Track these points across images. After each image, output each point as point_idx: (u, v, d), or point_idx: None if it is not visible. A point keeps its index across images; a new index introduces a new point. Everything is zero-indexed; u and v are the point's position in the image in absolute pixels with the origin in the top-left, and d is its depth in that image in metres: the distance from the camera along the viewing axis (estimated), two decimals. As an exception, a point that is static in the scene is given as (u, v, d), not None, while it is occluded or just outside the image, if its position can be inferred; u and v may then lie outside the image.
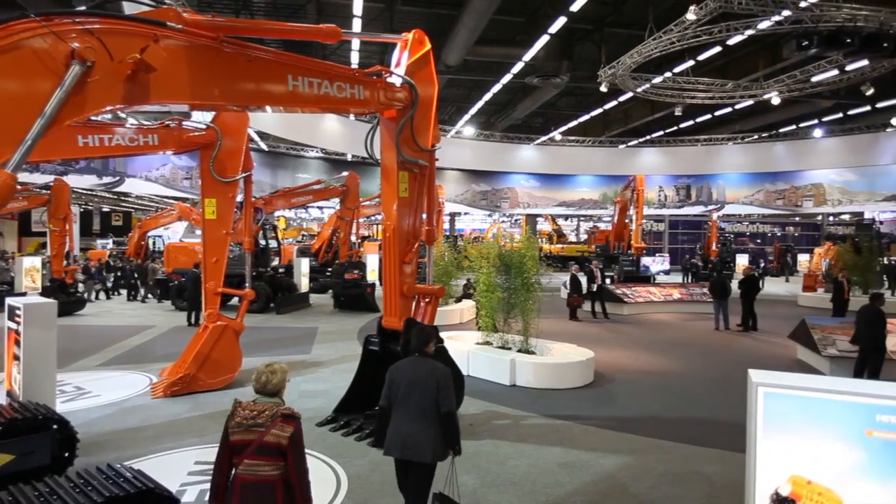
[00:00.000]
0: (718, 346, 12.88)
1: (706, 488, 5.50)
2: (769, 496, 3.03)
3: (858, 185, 33.82)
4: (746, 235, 43.17)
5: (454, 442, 4.03)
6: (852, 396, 2.88)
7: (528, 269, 9.94)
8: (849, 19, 14.67)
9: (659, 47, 17.09)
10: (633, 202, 22.56)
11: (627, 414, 7.80)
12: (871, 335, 8.77)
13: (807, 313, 14.62)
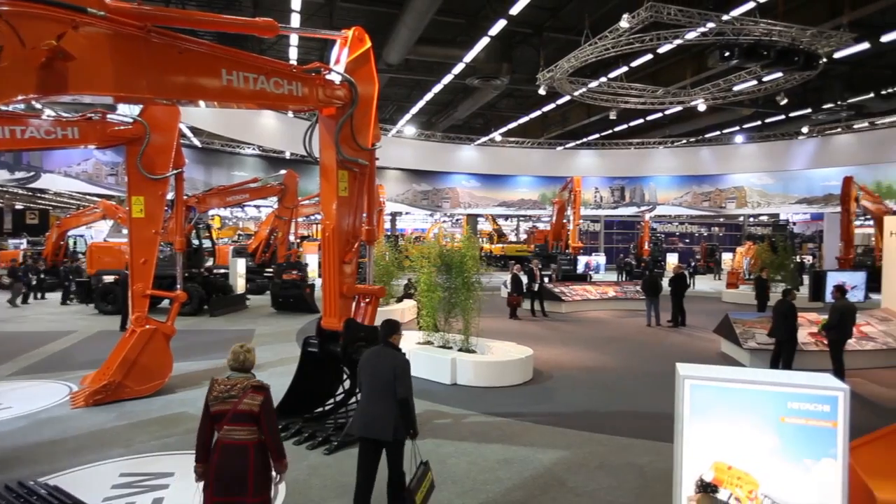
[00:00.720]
0: (650, 342, 13.43)
1: (639, 478, 5.72)
2: (695, 482, 3.19)
3: (775, 189, 36.15)
4: (676, 235, 45.29)
5: (410, 425, 4.42)
6: (767, 386, 3.07)
7: (468, 269, 10.03)
8: (765, 34, 15.64)
9: (595, 53, 17.63)
10: (571, 203, 23.20)
11: (565, 409, 8.01)
12: (784, 328, 9.39)
13: (730, 309, 15.50)
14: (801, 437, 2.96)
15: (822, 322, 9.69)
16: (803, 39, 15.88)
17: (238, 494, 3.50)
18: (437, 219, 47.32)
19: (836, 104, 26.88)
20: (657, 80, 23.84)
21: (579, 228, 24.67)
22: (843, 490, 2.86)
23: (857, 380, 9.59)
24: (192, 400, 8.10)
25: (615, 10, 16.78)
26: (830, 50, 16.95)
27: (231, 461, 3.54)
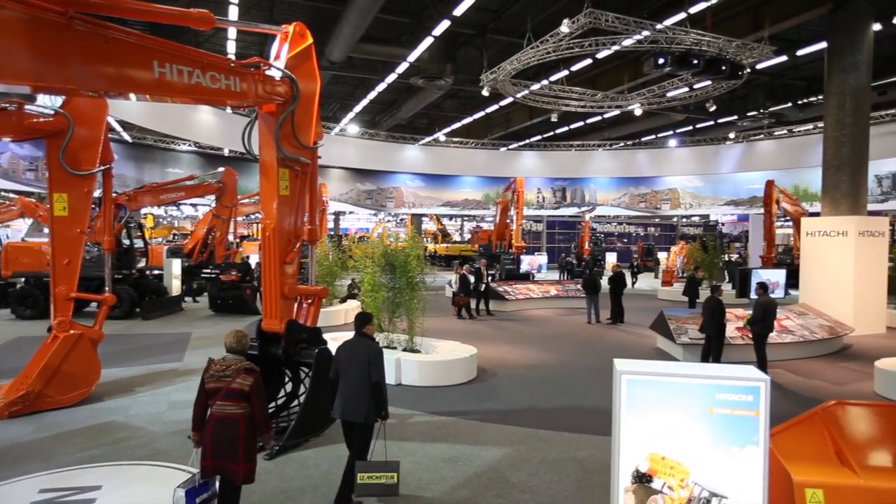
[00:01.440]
0: (591, 339, 13.82)
1: (579, 472, 5.87)
2: (631, 473, 3.30)
3: (705, 191, 38.00)
4: (615, 235, 46.85)
5: (381, 408, 4.91)
6: (697, 379, 3.22)
7: (412, 269, 10.02)
8: (695, 43, 16.41)
9: (536, 56, 17.97)
10: (514, 203, 23.56)
11: (508, 407, 8.12)
12: (713, 324, 9.89)
13: (665, 306, 16.15)
14: (727, 426, 3.12)
15: (747, 317, 10.27)
16: (729, 50, 16.74)
17: (229, 460, 4.06)
18: (381, 218, 47.01)
19: (758, 112, 28.55)
20: (596, 84, 24.56)
21: (522, 228, 25.08)
22: (764, 474, 3.04)
23: (777, 370, 10.23)
24: (122, 408, 7.71)
25: (556, 15, 17.16)
26: (753, 61, 17.96)
27: (223, 432, 4.07)
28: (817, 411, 3.68)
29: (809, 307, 13.63)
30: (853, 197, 15.45)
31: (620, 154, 38.57)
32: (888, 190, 30.54)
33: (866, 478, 3.35)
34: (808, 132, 31.11)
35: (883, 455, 3.61)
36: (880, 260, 15.07)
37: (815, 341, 11.80)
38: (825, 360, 11.46)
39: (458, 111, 32.44)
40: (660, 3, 17.67)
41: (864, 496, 3.27)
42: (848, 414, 3.70)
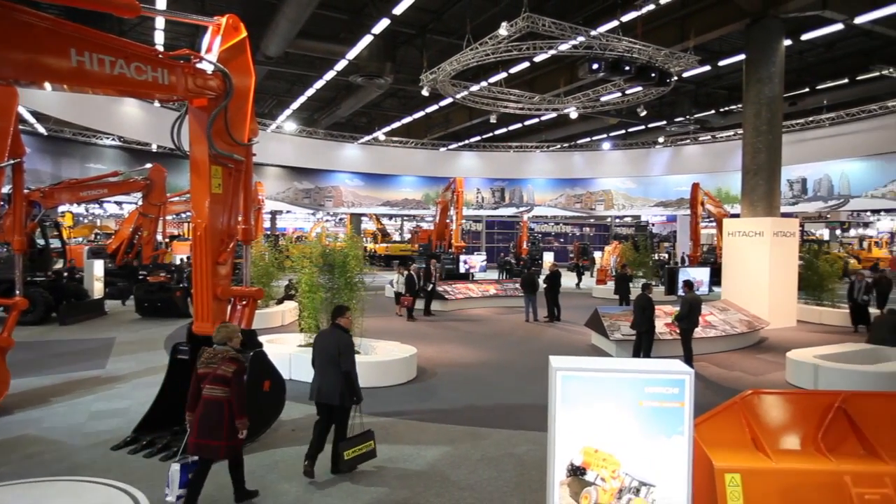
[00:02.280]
0: (528, 337, 14.11)
1: (517, 467, 5.98)
2: (566, 467, 3.40)
3: (637, 192, 39.62)
4: (552, 235, 48.02)
5: (353, 392, 5.50)
6: (628, 374, 3.35)
7: (352, 269, 9.90)
8: (627, 51, 17.08)
9: (476, 58, 18.16)
10: (454, 203, 23.71)
11: (448, 406, 8.17)
12: (643, 320, 10.32)
13: (599, 304, 16.68)
14: (655, 417, 3.26)
15: (675, 313, 10.78)
16: (658, 58, 17.53)
17: (215, 438, 4.64)
18: (319, 218, 46.16)
19: (685, 118, 30.06)
20: (534, 87, 25.11)
21: (462, 228, 25.28)
22: (689, 462, 3.21)
23: (702, 363, 10.80)
24: (34, 420, 7.20)
25: (495, 18, 17.42)
26: (680, 69, 18.89)
27: (210, 412, 4.67)
28: (736, 401, 3.91)
29: (730, 303, 14.47)
30: (768, 200, 16.54)
31: (557, 156, 39.60)
32: (798, 194, 32.88)
33: (778, 461, 3.60)
34: (730, 138, 32.99)
35: (793, 439, 3.89)
36: (791, 258, 16.20)
37: (735, 335, 12.55)
38: (744, 353, 12.20)
39: (397, 110, 32.33)
40: (594, 11, 18.28)
41: (776, 478, 3.51)
42: (762, 403, 3.96)
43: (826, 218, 38.93)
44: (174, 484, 4.64)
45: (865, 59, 22.57)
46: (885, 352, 9.78)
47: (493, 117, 27.44)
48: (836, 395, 3.92)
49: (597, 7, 18.19)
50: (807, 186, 32.77)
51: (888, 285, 16.03)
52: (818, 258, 17.51)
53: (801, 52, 22.20)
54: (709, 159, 34.72)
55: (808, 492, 3.49)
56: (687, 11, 18.75)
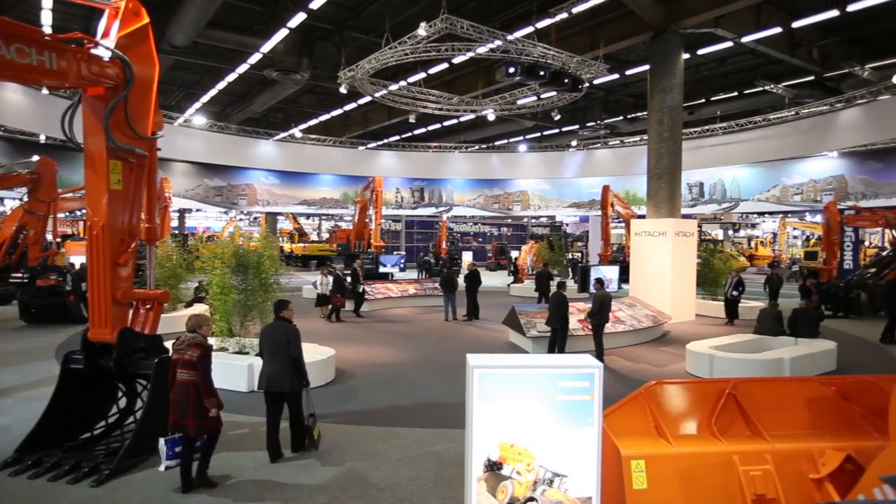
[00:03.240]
0: (448, 336, 14.24)
1: (437, 465, 6.02)
2: (483, 463, 3.46)
3: (551, 194, 41.10)
4: (471, 235, 48.78)
5: (302, 377, 6.06)
6: (541, 369, 3.46)
7: (266, 269, 9.57)
8: (542, 56, 17.69)
9: (394, 57, 18.11)
10: (373, 202, 23.52)
11: (367, 407, 8.09)
12: (558, 317, 10.72)
13: (516, 302, 17.12)
14: (568, 410, 3.39)
15: (588, 310, 11.28)
16: (571, 65, 18.28)
17: (185, 417, 5.19)
18: (232, 216, 44.26)
19: (596, 123, 31.55)
20: (453, 88, 25.39)
21: (381, 228, 25.13)
22: (598, 451, 3.37)
23: (612, 357, 11.37)
24: None
25: (414, 17, 17.45)
26: (591, 77, 19.80)
27: (181, 394, 5.23)
28: (641, 391, 4.15)
29: (637, 299, 15.34)
30: (671, 202, 17.70)
31: (475, 157, 40.28)
32: (696, 197, 35.43)
33: (677, 445, 3.86)
34: (636, 143, 34.96)
35: (690, 424, 4.18)
36: (691, 257, 17.43)
37: (641, 329, 13.31)
38: (649, 346, 12.98)
39: (315, 107, 31.59)
40: (511, 16, 18.75)
41: (675, 461, 3.76)
42: (664, 392, 4.23)
43: (720, 219, 42.19)
44: (163, 455, 5.20)
45: (751, 74, 24.71)
46: (768, 341, 10.74)
47: (412, 117, 27.49)
48: (727, 383, 4.26)
49: (514, 12, 18.67)
50: (704, 190, 35.39)
51: (779, 281, 17.62)
52: (714, 256, 18.95)
53: (698, 66, 23.94)
54: (618, 163, 36.62)
55: (702, 472, 3.77)
56: (597, 22, 19.67)
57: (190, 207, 37.10)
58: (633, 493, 3.67)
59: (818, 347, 10.26)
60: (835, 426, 4.13)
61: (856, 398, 4.22)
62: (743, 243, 45.93)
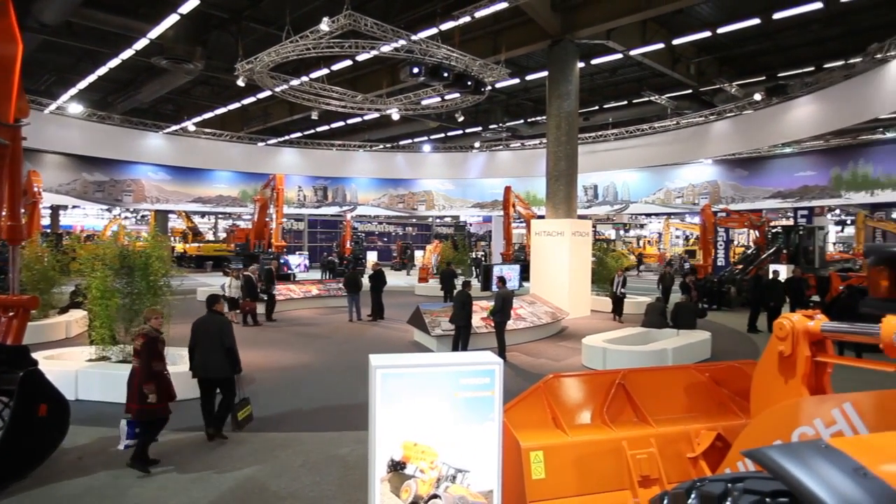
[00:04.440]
0: (352, 336, 14.04)
1: (341, 469, 5.91)
2: (386, 463, 3.44)
3: (456, 194, 41.76)
4: (375, 234, 48.42)
5: (235, 364, 6.62)
6: (443, 367, 3.49)
7: (155, 271, 8.91)
8: (445, 58, 17.91)
9: (296, 51, 17.53)
10: (273, 201, 22.68)
11: (267, 413, 7.77)
12: (462, 315, 10.91)
13: (421, 301, 17.24)
14: (469, 407, 3.45)
15: (490, 308, 11.57)
16: (474, 68, 18.66)
17: (130, 401, 5.76)
18: (116, 214, 40.86)
19: (498, 125, 32.45)
20: (357, 86, 25.05)
21: (282, 227, 24.32)
22: (499, 445, 3.46)
23: (514, 353, 11.75)
24: None
25: (317, 12, 16.98)
26: (493, 80, 20.34)
27: (130, 379, 5.81)
28: (539, 385, 4.31)
29: (537, 297, 15.97)
30: (568, 203, 18.58)
31: (380, 156, 40.02)
32: (591, 198, 37.52)
33: (573, 435, 4.06)
34: (536, 146, 36.34)
35: (585, 414, 4.42)
36: (586, 255, 18.41)
37: (541, 325, 13.87)
38: (549, 341, 13.56)
39: (210, 100, 29.86)
40: (415, 16, 18.81)
41: (570, 450, 3.96)
42: (561, 385, 4.43)
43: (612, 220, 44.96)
44: (123, 435, 5.64)
45: (639, 85, 26.55)
46: (654, 334, 11.60)
47: (314, 114, 26.81)
48: (617, 374, 4.54)
49: (418, 13, 18.75)
50: (598, 192, 37.54)
51: (671, 280, 19.04)
52: (607, 255, 20.16)
53: (592, 75, 25.34)
54: (519, 165, 37.89)
55: (595, 459, 3.99)
56: (499, 27, 20.24)
57: (66, 204, 33.82)
58: (531, 483, 3.81)
59: (696, 338, 11.22)
60: (708, 408, 4.54)
61: (725, 382, 4.66)
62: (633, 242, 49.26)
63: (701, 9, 18.91)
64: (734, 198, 32.11)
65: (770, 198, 31.06)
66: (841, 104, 22.12)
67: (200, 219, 43.50)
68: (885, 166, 27.21)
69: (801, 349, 3.12)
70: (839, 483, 1.50)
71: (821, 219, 29.83)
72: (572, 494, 3.89)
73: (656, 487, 3.94)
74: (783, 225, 25.81)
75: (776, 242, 21.51)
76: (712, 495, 1.85)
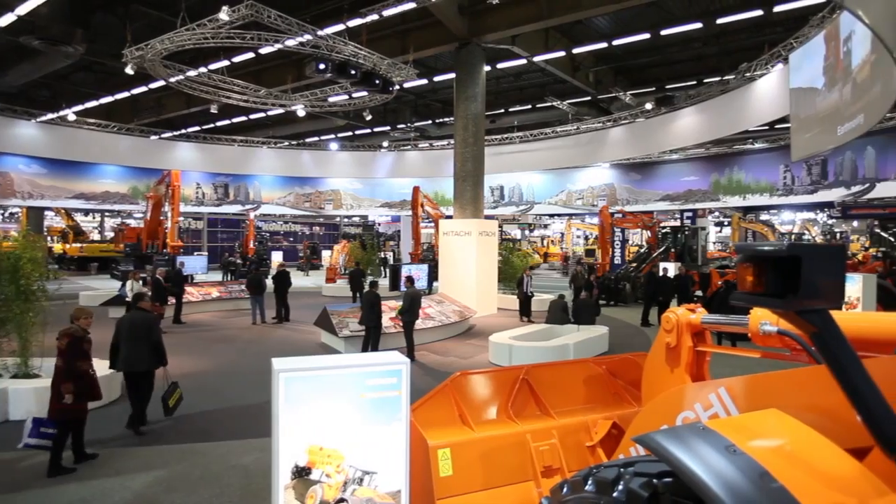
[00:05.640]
0: (256, 340, 13.48)
1: (243, 479, 5.65)
2: (290, 470, 3.33)
3: (364, 193, 41.31)
4: (281, 234, 46.81)
5: (162, 358, 6.96)
6: (349, 369, 3.44)
7: (27, 275, 8.05)
8: (353, 55, 17.67)
9: (193, 39, 16.53)
10: (169, 198, 21.29)
11: (162, 424, 7.27)
12: (371, 315, 10.81)
13: (329, 302, 16.88)
14: (376, 408, 3.43)
15: (399, 308, 11.55)
16: (382, 67, 18.56)
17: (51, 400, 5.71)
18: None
19: (406, 125, 32.50)
20: (260, 80, 24.07)
21: (179, 226, 22.88)
22: (406, 445, 3.46)
23: (423, 352, 11.81)
24: None
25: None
26: (401, 80, 20.35)
27: (54, 378, 5.76)
28: (446, 383, 4.36)
29: (445, 296, 16.16)
30: (475, 203, 18.96)
31: (285, 153, 38.75)
32: (498, 199, 38.57)
33: (479, 431, 4.14)
34: (444, 147, 36.79)
35: (491, 410, 4.52)
36: (493, 255, 18.89)
37: (450, 324, 14.05)
38: (457, 340, 13.76)
39: (94, 87, 27.45)
40: (321, 11, 18.40)
41: (477, 445, 4.03)
42: (468, 382, 4.50)
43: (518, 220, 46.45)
44: (25, 432, 5.53)
45: (542, 90, 27.66)
46: (557, 329, 12.12)
47: (214, 107, 25.46)
48: (521, 369, 4.69)
49: (324, 8, 18.36)
50: (504, 193, 38.67)
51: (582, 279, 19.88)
52: (513, 254, 20.79)
53: (499, 79, 26.06)
54: (427, 165, 38.18)
55: (500, 453, 4.10)
56: (407, 27, 20.27)
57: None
58: (439, 481, 3.84)
59: (595, 332, 11.85)
60: (604, 399, 4.80)
61: (620, 373, 4.95)
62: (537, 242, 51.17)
63: (599, 21, 20.03)
64: (629, 200, 34.31)
65: (660, 200, 33.53)
66: (718, 116, 24.30)
67: (84, 217, 39.91)
68: (755, 173, 30.28)
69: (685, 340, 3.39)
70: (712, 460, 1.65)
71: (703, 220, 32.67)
72: (479, 489, 3.96)
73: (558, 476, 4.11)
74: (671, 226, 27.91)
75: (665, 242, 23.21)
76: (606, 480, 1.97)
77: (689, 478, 1.63)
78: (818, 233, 40.65)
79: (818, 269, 1.52)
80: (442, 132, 33.82)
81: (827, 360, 1.63)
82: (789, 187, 29.10)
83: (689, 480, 1.63)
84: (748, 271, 1.62)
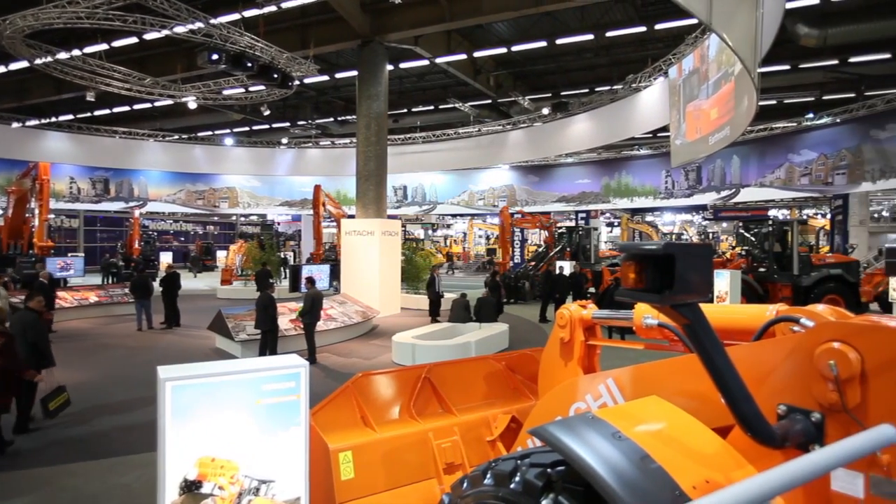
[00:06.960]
0: (142, 347, 12.54)
1: (124, 499, 5.23)
2: (178, 485, 3.12)
3: (262, 191, 39.61)
4: (170, 233, 43.80)
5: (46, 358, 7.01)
6: (244, 374, 3.29)
7: None
8: (249, 47, 16.87)
9: (63, 18, 14.99)
10: (36, 193, 19.21)
11: (28, 445, 6.55)
12: (266, 319, 10.41)
13: (224, 305, 16.03)
14: (273, 413, 3.29)
15: (299, 309, 11.21)
16: (280, 60, 17.90)
17: None
18: None
19: (307, 122, 31.63)
20: (146, 68, 22.35)
21: (49, 225, 20.70)
22: (305, 450, 3.36)
23: (325, 354, 11.55)
24: None
25: (91, -23, 14.77)
26: (301, 75, 19.74)
27: None
28: (348, 385, 4.29)
29: (348, 296, 15.91)
30: (378, 203, 18.83)
31: (175, 147, 36.25)
32: (401, 199, 38.57)
33: (381, 432, 4.11)
34: (347, 145, 36.18)
35: (394, 410, 4.50)
36: (396, 254, 18.87)
37: (352, 325, 13.86)
38: (360, 340, 13.60)
39: (-60, 65, 24.10)
40: (214, -2, 17.42)
41: (379, 446, 4.01)
42: (370, 383, 4.45)
43: (421, 220, 46.74)
44: None
45: (444, 92, 28.02)
46: (459, 328, 12.33)
47: (90, 94, 23.28)
48: (423, 368, 4.71)
49: (217, -5, 17.40)
50: (407, 193, 38.72)
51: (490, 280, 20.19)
52: (416, 254, 20.88)
53: (401, 79, 26.05)
54: (329, 163, 37.36)
55: (403, 452, 4.10)
56: (307, 21, 19.72)
57: None
58: (340, 484, 3.77)
59: (496, 330, 12.19)
60: (504, 394, 4.95)
61: (519, 369, 5.13)
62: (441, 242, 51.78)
63: (499, 27, 20.63)
64: (528, 201, 35.65)
65: (556, 201, 35.17)
66: (608, 123, 25.90)
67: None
68: (641, 178, 32.61)
69: (577, 335, 3.58)
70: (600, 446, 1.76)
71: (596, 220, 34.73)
72: (382, 490, 3.94)
73: (460, 472, 4.18)
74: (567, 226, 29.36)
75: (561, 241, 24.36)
76: (504, 473, 2.03)
77: (579, 465, 1.73)
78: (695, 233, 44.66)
79: (689, 266, 1.66)
80: (344, 130, 33.26)
81: (697, 349, 1.79)
82: (670, 191, 31.64)
83: (579, 468, 1.73)
84: (631, 269, 1.74)
